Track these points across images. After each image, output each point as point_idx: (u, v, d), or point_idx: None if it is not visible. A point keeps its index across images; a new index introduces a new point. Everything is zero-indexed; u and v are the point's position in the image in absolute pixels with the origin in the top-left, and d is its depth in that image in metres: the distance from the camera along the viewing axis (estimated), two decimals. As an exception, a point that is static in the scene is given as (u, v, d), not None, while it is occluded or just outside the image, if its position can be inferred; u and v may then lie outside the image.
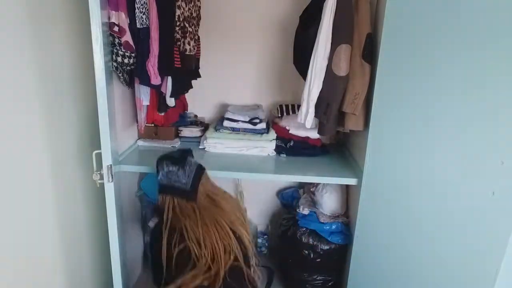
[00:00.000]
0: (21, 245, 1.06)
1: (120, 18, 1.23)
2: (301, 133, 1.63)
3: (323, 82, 1.34)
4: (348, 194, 1.65)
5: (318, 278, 1.63)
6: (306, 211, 1.64)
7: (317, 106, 1.37)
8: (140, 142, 1.70)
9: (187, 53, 1.43)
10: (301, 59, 1.56)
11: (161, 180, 1.38)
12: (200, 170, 1.42)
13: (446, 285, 0.89)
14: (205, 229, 1.28)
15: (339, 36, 1.29)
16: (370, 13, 1.29)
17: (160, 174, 1.38)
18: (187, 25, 1.41)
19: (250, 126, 1.61)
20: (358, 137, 1.51)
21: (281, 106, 1.73)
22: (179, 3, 1.34)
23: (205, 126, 1.82)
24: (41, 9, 1.10)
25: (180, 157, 1.41)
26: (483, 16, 0.76)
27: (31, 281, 1.11)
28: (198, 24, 1.59)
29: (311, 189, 1.73)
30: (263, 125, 1.62)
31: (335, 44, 1.29)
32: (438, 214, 0.91)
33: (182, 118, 1.81)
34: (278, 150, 1.63)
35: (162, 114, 1.58)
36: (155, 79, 1.33)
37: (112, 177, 1.19)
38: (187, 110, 1.87)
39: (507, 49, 0.70)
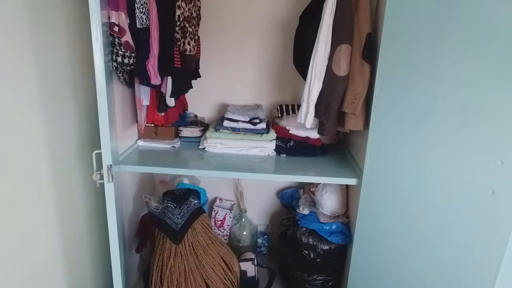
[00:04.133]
0: (21, 245, 1.06)
1: (120, 18, 1.23)
2: (301, 133, 1.63)
3: (323, 82, 1.34)
4: (348, 194, 1.65)
5: (318, 278, 1.63)
6: (306, 211, 1.64)
7: (317, 106, 1.37)
8: (140, 142, 1.70)
9: (187, 53, 1.43)
10: (301, 59, 1.57)
11: (159, 213, 1.48)
12: (197, 213, 1.50)
13: (446, 285, 0.89)
14: (175, 275, 1.42)
15: (339, 36, 1.28)
16: (370, 13, 1.29)
17: (161, 205, 1.47)
18: (187, 25, 1.41)
19: (250, 126, 1.61)
20: (358, 137, 1.51)
21: (281, 106, 1.73)
22: (179, 3, 1.34)
23: (205, 126, 1.82)
24: (41, 9, 1.10)
25: (183, 196, 1.48)
26: (483, 16, 0.76)
27: (30, 281, 1.11)
28: (198, 24, 1.59)
29: (311, 189, 1.73)
30: (263, 125, 1.62)
31: (335, 44, 1.29)
32: (438, 213, 0.91)
33: (182, 118, 1.81)
34: (278, 150, 1.63)
35: (162, 114, 1.58)
36: (155, 79, 1.33)
37: (112, 177, 1.19)
38: (187, 110, 1.87)
39: (507, 49, 0.70)
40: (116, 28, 1.23)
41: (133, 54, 1.30)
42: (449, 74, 0.86)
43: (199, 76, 1.73)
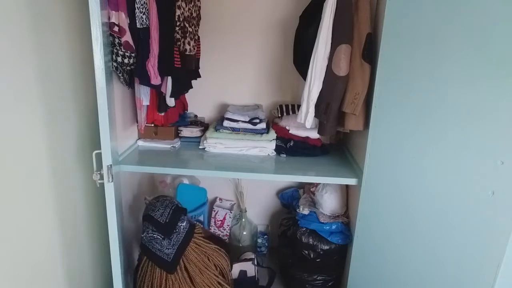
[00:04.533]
0: (21, 245, 1.06)
1: (120, 18, 1.23)
2: (301, 133, 1.63)
3: (323, 82, 1.34)
4: (348, 194, 1.65)
5: (318, 278, 1.63)
6: (306, 211, 1.64)
7: (317, 106, 1.37)
8: (140, 142, 1.70)
9: (187, 53, 1.43)
10: (301, 59, 1.57)
11: (143, 239, 1.35)
12: (189, 235, 1.37)
13: (446, 285, 0.89)
14: None
15: (339, 36, 1.29)
16: (370, 13, 1.29)
17: (144, 233, 1.34)
18: (187, 25, 1.41)
19: (250, 126, 1.61)
20: (358, 137, 1.51)
21: (281, 106, 1.73)
22: (179, 3, 1.34)
23: (205, 126, 1.82)
24: (41, 9, 1.10)
25: (170, 223, 1.34)
26: (483, 16, 0.76)
27: (30, 281, 1.11)
28: (198, 24, 1.59)
29: (311, 189, 1.73)
30: (263, 125, 1.62)
31: (335, 44, 1.29)
32: (438, 214, 0.91)
33: (182, 118, 1.81)
34: (278, 150, 1.63)
35: (162, 114, 1.58)
36: (155, 79, 1.33)
37: (112, 177, 1.19)
38: (187, 110, 1.87)
39: (507, 48, 0.70)
40: (116, 28, 1.23)
41: (133, 54, 1.30)
42: (449, 74, 0.86)
43: (199, 76, 1.73)
